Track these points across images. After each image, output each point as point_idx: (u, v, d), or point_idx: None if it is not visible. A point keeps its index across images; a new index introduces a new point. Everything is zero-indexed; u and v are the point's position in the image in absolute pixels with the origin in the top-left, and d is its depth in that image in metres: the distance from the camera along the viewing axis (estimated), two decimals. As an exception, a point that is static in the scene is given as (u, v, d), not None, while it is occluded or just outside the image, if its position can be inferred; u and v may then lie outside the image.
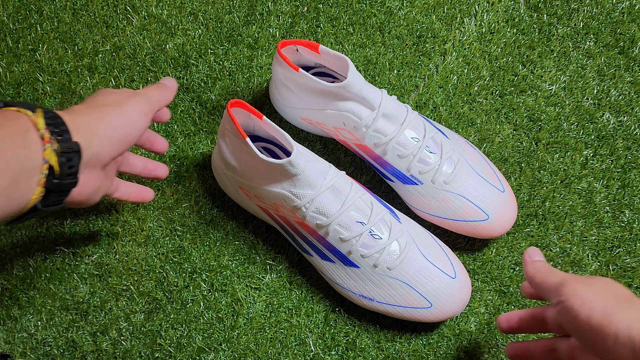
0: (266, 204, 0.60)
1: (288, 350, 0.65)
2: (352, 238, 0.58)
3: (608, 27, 0.74)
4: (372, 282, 0.59)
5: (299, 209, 0.57)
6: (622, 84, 0.72)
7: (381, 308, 0.61)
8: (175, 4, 0.76)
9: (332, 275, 0.61)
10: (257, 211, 0.64)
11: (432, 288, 0.59)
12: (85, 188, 0.47)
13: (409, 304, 0.59)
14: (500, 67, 0.73)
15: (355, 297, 0.61)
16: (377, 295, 0.60)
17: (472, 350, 0.64)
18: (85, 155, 0.45)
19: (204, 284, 0.67)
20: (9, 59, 0.74)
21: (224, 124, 0.58)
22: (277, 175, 0.56)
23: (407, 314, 0.60)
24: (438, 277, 0.59)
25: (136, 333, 0.65)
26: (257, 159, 0.55)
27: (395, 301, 0.59)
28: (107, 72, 0.74)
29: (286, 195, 0.57)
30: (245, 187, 0.60)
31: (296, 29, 0.75)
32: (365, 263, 0.59)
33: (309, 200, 0.57)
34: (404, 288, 0.59)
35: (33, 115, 0.42)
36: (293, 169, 0.55)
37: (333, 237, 0.58)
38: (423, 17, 0.75)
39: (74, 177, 0.44)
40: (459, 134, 0.70)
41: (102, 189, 0.51)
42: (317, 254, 0.61)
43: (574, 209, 0.68)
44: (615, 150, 0.70)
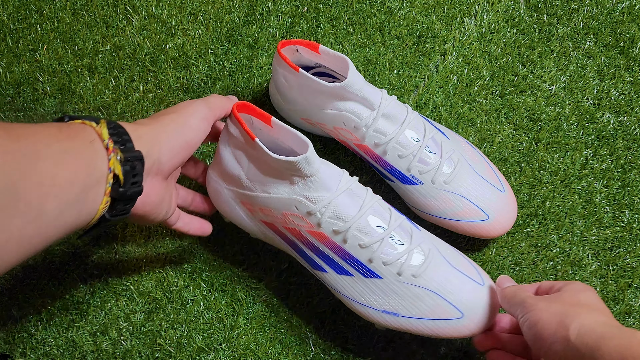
0: (273, 217, 0.55)
1: (288, 350, 0.65)
2: (373, 243, 0.53)
3: (608, 27, 0.74)
4: (397, 293, 0.53)
5: (313, 214, 0.53)
6: (622, 84, 0.72)
7: (407, 324, 0.54)
8: (175, 4, 0.76)
9: (350, 292, 0.55)
10: (260, 230, 0.59)
11: (462, 296, 0.54)
12: (150, 197, 0.48)
13: (438, 316, 0.53)
14: (500, 67, 0.73)
15: (378, 314, 0.55)
16: (403, 308, 0.54)
17: (472, 351, 0.64)
18: (148, 163, 0.45)
19: (204, 284, 0.67)
20: (9, 59, 0.74)
21: (227, 129, 0.55)
22: (290, 177, 0.52)
23: (436, 328, 0.54)
24: (467, 285, 0.54)
25: (136, 333, 0.65)
26: (269, 160, 0.51)
27: (423, 313, 0.53)
28: (107, 72, 0.74)
29: (299, 200, 0.52)
30: (249, 201, 0.56)
31: (296, 29, 0.75)
32: (388, 272, 0.53)
33: (324, 204, 0.52)
34: (432, 297, 0.53)
35: (97, 126, 0.43)
36: (309, 168, 0.51)
37: (352, 244, 0.53)
38: (423, 17, 0.75)
39: (138, 185, 0.44)
40: (459, 134, 0.70)
41: (164, 202, 0.51)
42: (332, 269, 0.55)
43: (574, 209, 0.68)
44: (615, 150, 0.70)
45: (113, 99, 0.73)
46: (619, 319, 0.65)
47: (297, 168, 0.51)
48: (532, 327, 0.45)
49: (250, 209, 0.57)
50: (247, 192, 0.55)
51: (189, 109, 0.51)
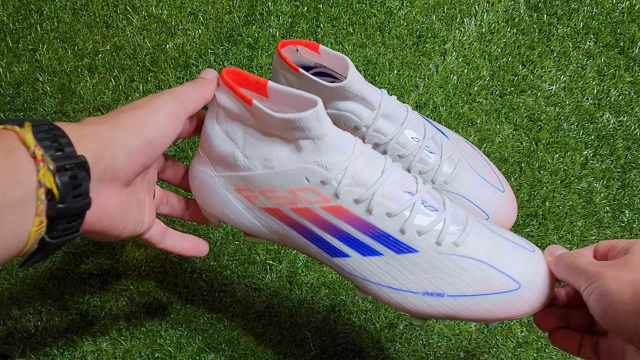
0: (278, 200, 0.46)
1: (288, 350, 0.64)
2: (403, 210, 0.44)
3: (608, 27, 0.74)
4: (438, 268, 0.44)
5: (328, 183, 0.44)
6: (622, 84, 0.72)
7: (455, 306, 0.45)
8: (175, 4, 0.76)
9: (381, 277, 0.46)
10: (261, 223, 0.49)
11: (514, 264, 0.44)
12: (107, 210, 0.40)
13: (491, 289, 0.44)
14: (500, 67, 0.73)
15: (418, 299, 0.45)
16: (448, 285, 0.44)
17: (472, 351, 0.64)
18: (98, 169, 0.38)
19: (203, 284, 0.66)
20: (9, 58, 0.74)
21: (216, 102, 0.47)
22: (296, 143, 0.44)
23: (491, 305, 0.44)
24: (517, 251, 0.45)
25: (136, 333, 0.65)
26: (271, 124, 0.44)
27: (473, 288, 0.44)
28: (107, 72, 0.74)
29: (310, 169, 0.44)
30: (247, 185, 0.47)
31: (296, 29, 0.75)
32: (425, 243, 0.44)
33: (341, 170, 0.44)
34: (481, 268, 0.44)
35: (21, 130, 0.35)
36: (319, 127, 0.43)
37: (378, 214, 0.44)
38: (423, 17, 0.75)
39: (83, 197, 0.36)
40: (459, 134, 0.70)
41: (130, 214, 0.43)
42: (356, 251, 0.46)
43: (574, 209, 0.68)
44: (615, 150, 0.70)
45: (113, 99, 0.73)
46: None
47: (306, 127, 0.43)
48: (600, 299, 0.38)
49: (248, 196, 0.48)
50: (244, 174, 0.47)
51: (152, 103, 0.42)
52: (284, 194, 0.46)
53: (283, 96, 0.46)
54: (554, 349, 0.65)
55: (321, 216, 0.46)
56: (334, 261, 0.47)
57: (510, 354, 0.65)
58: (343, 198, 0.44)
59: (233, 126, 0.46)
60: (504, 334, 0.65)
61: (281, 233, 0.48)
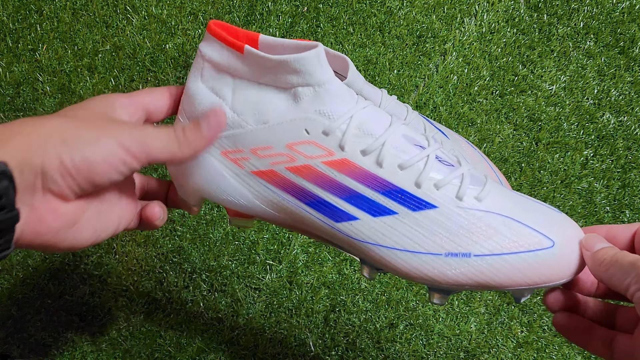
0: (273, 159, 0.41)
1: (288, 350, 0.64)
2: (417, 162, 0.39)
3: (608, 27, 0.74)
4: (461, 225, 0.38)
5: (331, 134, 0.39)
6: (623, 84, 0.72)
7: (484, 267, 0.38)
8: (175, 4, 0.76)
9: (396, 240, 0.39)
10: (252, 192, 0.42)
11: (545, 220, 0.39)
12: (45, 225, 0.34)
13: (522, 247, 0.38)
14: (500, 67, 0.73)
15: (441, 262, 0.39)
16: (474, 244, 0.38)
17: (472, 351, 0.64)
18: (24, 176, 0.32)
19: (203, 284, 0.66)
20: (9, 58, 0.74)
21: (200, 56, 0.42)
22: (294, 92, 0.40)
23: (525, 266, 0.38)
24: (544, 209, 0.40)
25: (136, 333, 0.65)
26: (266, 69, 0.39)
27: (503, 246, 0.38)
28: (107, 72, 0.74)
29: (310, 118, 0.39)
30: (236, 145, 0.41)
31: (296, 28, 0.75)
32: (445, 197, 0.39)
33: (345, 118, 0.39)
34: (509, 224, 0.38)
35: None
36: (321, 71, 0.38)
37: (389, 166, 0.39)
38: (423, 17, 0.75)
39: (8, 210, 0.31)
40: (459, 133, 0.70)
41: (83, 225, 0.37)
42: (365, 212, 0.40)
43: (574, 209, 0.68)
44: (615, 150, 0.70)
45: (113, 98, 0.73)
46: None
47: (306, 70, 0.38)
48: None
49: (236, 159, 0.42)
50: (233, 132, 0.41)
51: (113, 125, 0.36)
52: (279, 151, 0.40)
53: (277, 49, 0.41)
54: (554, 348, 0.65)
55: (324, 173, 0.40)
56: (338, 228, 0.41)
57: (511, 354, 0.65)
58: (349, 150, 0.39)
59: (220, 80, 0.41)
60: (504, 334, 0.65)
61: (275, 202, 0.42)
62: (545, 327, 0.66)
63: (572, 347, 0.65)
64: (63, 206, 0.35)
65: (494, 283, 0.38)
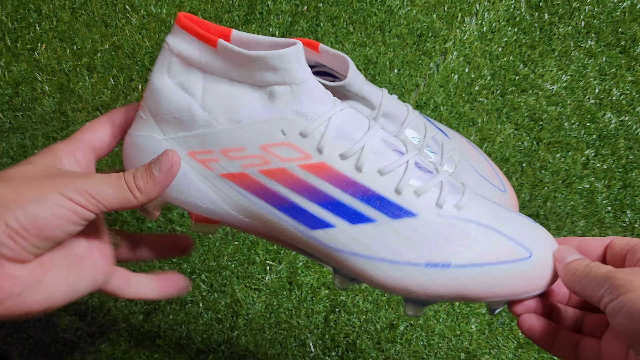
0: (245, 162, 0.39)
1: (288, 351, 0.64)
2: (397, 167, 0.38)
3: (609, 27, 0.73)
4: (440, 235, 0.37)
5: (309, 135, 0.37)
6: (624, 84, 0.72)
7: (463, 277, 0.37)
8: (174, 3, 0.75)
9: (374, 249, 0.38)
10: (221, 196, 0.40)
11: (522, 231, 0.39)
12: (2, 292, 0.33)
13: (501, 257, 0.38)
14: (501, 66, 0.73)
15: (419, 272, 0.37)
16: (453, 254, 0.37)
17: (473, 352, 0.64)
18: None
19: (203, 284, 0.66)
20: (8, 58, 0.74)
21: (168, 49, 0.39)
22: (269, 90, 0.38)
23: (502, 277, 0.37)
24: (522, 220, 0.40)
25: (135, 334, 0.65)
26: (240, 65, 0.37)
27: (481, 257, 0.37)
28: (106, 71, 0.73)
29: (286, 119, 0.37)
30: (205, 146, 0.39)
31: (296, 27, 0.74)
32: (424, 205, 0.38)
33: (324, 120, 0.38)
34: (488, 234, 0.38)
35: None
36: (299, 69, 0.37)
37: (369, 171, 0.38)
38: (424, 16, 0.75)
39: None
40: (460, 133, 0.70)
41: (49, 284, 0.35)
42: (343, 218, 0.38)
43: (575, 209, 0.68)
44: (616, 150, 0.70)
45: (112, 98, 0.72)
46: (621, 319, 0.65)
47: (283, 67, 0.36)
48: (635, 317, 0.32)
49: (205, 160, 0.39)
50: (202, 132, 0.39)
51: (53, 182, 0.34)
52: (253, 153, 0.38)
53: (252, 46, 0.39)
54: (555, 349, 0.65)
55: (299, 177, 0.38)
56: (313, 235, 0.39)
57: (511, 354, 0.65)
58: (327, 153, 0.37)
59: (190, 76, 0.39)
60: (505, 335, 0.65)
61: (245, 207, 0.39)
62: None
63: (573, 347, 0.65)
64: (21, 269, 0.33)
65: (473, 295, 0.37)
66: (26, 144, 0.71)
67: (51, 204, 0.33)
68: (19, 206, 0.33)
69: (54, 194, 0.33)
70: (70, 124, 0.72)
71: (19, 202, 0.33)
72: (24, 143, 0.71)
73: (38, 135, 0.72)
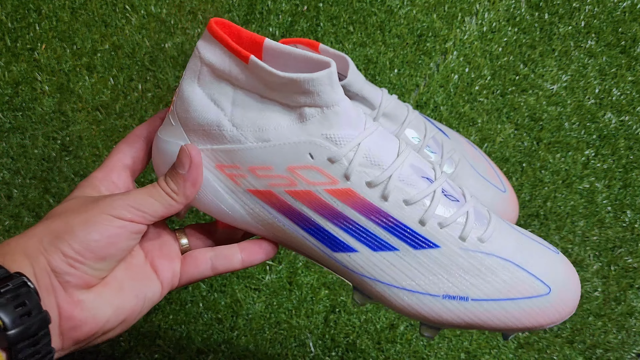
0: (272, 180, 0.39)
1: (288, 351, 0.64)
2: (424, 198, 0.38)
3: (610, 26, 0.73)
4: (462, 267, 0.38)
5: (337, 162, 0.37)
6: (624, 84, 0.72)
7: (479, 312, 0.38)
8: (174, 3, 0.75)
9: (394, 277, 0.39)
10: (247, 210, 0.40)
11: (543, 266, 0.39)
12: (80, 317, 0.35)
13: (519, 293, 0.38)
14: (501, 66, 0.73)
15: (437, 304, 0.38)
16: (472, 288, 0.38)
17: (473, 352, 0.64)
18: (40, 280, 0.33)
19: (203, 284, 0.66)
20: (8, 58, 0.74)
21: (199, 57, 0.38)
22: (300, 112, 0.37)
23: (519, 312, 0.38)
24: (543, 252, 0.40)
25: (135, 334, 0.65)
26: (272, 85, 0.37)
27: (500, 292, 0.38)
28: (106, 71, 0.73)
29: (315, 143, 0.37)
30: (233, 161, 0.39)
31: (296, 27, 0.74)
32: (448, 237, 0.38)
33: (352, 145, 0.37)
34: (508, 268, 0.38)
35: None
36: (331, 93, 0.36)
37: (395, 200, 0.38)
38: (424, 16, 0.75)
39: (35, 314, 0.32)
40: (460, 133, 0.70)
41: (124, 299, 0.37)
42: (365, 245, 0.39)
43: (575, 209, 0.68)
44: (616, 150, 0.70)
45: (112, 98, 0.72)
46: (621, 319, 0.65)
47: (316, 91, 0.36)
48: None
49: (232, 175, 0.40)
50: (230, 147, 0.39)
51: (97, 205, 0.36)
52: (279, 173, 0.38)
53: (284, 58, 0.38)
54: (555, 349, 0.65)
55: (325, 201, 0.38)
56: (336, 257, 0.40)
57: (512, 354, 0.65)
58: (354, 180, 0.38)
59: (220, 88, 0.38)
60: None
61: (270, 223, 0.40)
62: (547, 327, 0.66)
63: (573, 347, 0.65)
64: (87, 293, 0.35)
65: (487, 326, 0.38)
66: (26, 144, 0.71)
67: (99, 226, 0.35)
68: (71, 235, 0.35)
69: (100, 216, 0.35)
70: (70, 123, 0.72)
71: (69, 231, 0.35)
72: (24, 143, 0.71)
73: (38, 135, 0.71)
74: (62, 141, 0.71)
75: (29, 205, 0.70)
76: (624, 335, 0.65)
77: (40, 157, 0.71)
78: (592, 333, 0.65)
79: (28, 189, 0.70)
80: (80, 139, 0.71)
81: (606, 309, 0.65)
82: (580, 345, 0.65)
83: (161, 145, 0.40)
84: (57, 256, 0.34)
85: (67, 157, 0.71)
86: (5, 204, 0.70)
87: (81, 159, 0.71)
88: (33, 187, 0.70)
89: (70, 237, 0.34)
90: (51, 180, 0.70)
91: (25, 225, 0.69)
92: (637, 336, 0.65)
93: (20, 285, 0.32)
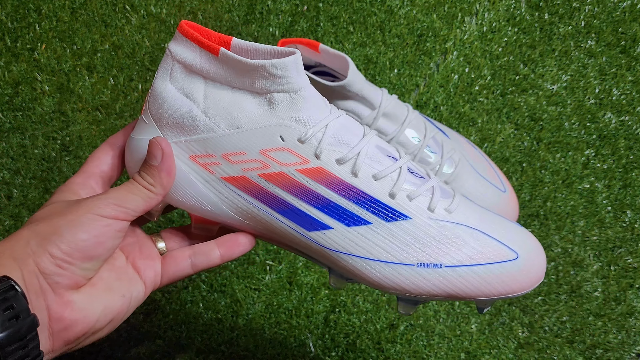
0: (246, 165, 0.40)
1: (288, 351, 0.64)
2: (392, 172, 0.40)
3: (610, 26, 0.73)
4: (432, 236, 0.40)
5: (307, 142, 0.39)
6: (624, 84, 0.72)
7: (453, 277, 0.40)
8: (174, 3, 0.75)
9: (369, 250, 0.40)
10: (222, 199, 0.41)
11: (509, 234, 0.41)
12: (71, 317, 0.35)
13: (489, 258, 0.40)
14: (501, 66, 0.73)
15: (412, 272, 0.40)
16: (445, 255, 0.40)
17: (473, 352, 0.64)
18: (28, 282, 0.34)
19: (203, 284, 0.66)
20: (8, 58, 0.74)
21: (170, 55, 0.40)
22: (269, 97, 0.39)
23: (490, 277, 0.40)
24: (509, 224, 0.43)
25: (135, 334, 0.65)
26: (242, 73, 0.39)
27: (471, 257, 0.40)
28: (106, 71, 0.73)
29: (285, 125, 0.39)
30: (207, 150, 0.41)
31: (296, 27, 0.74)
32: (417, 208, 0.40)
33: (321, 126, 0.40)
34: (476, 236, 0.40)
35: None
36: (298, 78, 0.39)
37: (364, 176, 0.40)
38: (424, 16, 0.75)
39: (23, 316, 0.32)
40: (460, 133, 0.70)
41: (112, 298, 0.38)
42: (339, 221, 0.40)
43: (575, 209, 0.68)
44: (616, 150, 0.70)
45: (112, 98, 0.72)
46: (621, 319, 0.65)
47: (283, 75, 0.38)
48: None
49: (206, 164, 0.41)
50: (204, 136, 0.40)
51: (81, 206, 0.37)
52: (252, 157, 0.40)
53: (251, 53, 0.40)
54: (555, 349, 0.65)
55: (298, 181, 0.40)
56: (311, 237, 0.41)
57: (512, 354, 0.65)
58: (324, 158, 0.40)
59: (191, 82, 0.40)
60: (505, 335, 0.65)
61: (244, 210, 0.41)
62: (547, 327, 0.66)
63: (573, 347, 0.65)
64: (76, 294, 0.36)
65: (463, 293, 0.40)
66: (26, 144, 0.71)
67: (86, 225, 0.36)
68: (58, 236, 0.35)
69: (85, 215, 0.36)
70: (70, 123, 0.72)
71: (56, 233, 0.35)
72: (24, 143, 0.71)
73: (38, 135, 0.71)
74: (62, 141, 0.71)
75: (29, 205, 0.70)
76: (624, 335, 0.65)
77: (40, 157, 0.71)
78: (592, 333, 0.65)
79: (28, 189, 0.70)
80: (80, 139, 0.71)
81: (606, 309, 0.65)
82: (580, 345, 0.65)
83: (134, 144, 0.42)
84: (45, 258, 0.34)
85: (67, 157, 0.71)
86: (5, 204, 0.70)
87: (81, 159, 0.71)
88: (33, 187, 0.70)
89: (58, 238, 0.35)
90: (51, 180, 0.70)
91: (25, 225, 0.69)
92: (637, 336, 0.65)
93: (7, 289, 0.32)
